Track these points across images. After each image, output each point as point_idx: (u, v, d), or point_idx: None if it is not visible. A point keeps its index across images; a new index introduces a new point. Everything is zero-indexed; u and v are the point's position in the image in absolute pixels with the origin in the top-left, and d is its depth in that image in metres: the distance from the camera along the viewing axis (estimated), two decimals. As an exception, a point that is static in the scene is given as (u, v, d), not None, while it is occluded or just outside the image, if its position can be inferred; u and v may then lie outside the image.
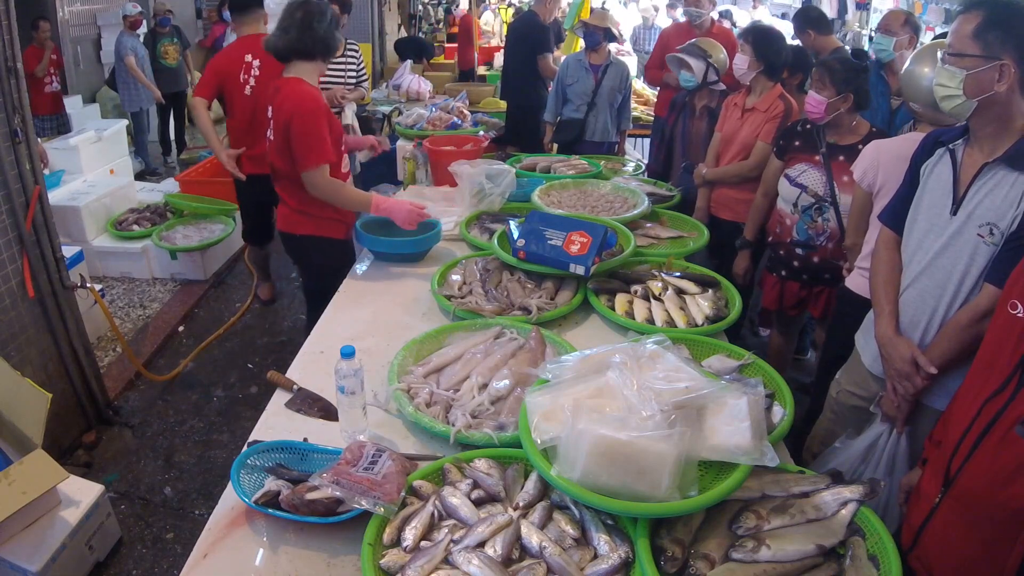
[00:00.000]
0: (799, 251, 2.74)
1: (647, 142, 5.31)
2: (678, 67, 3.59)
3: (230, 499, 1.42)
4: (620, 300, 2.16)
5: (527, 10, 5.08)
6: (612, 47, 4.48)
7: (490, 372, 1.75)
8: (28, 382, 2.53)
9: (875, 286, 1.90)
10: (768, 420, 1.57)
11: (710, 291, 2.22)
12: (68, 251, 3.13)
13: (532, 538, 1.25)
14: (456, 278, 2.31)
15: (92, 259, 4.31)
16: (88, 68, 7.44)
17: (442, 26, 11.80)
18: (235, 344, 3.95)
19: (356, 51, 4.25)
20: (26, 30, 5.16)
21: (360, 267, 2.59)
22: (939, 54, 1.65)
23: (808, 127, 2.68)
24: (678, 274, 2.28)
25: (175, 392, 3.48)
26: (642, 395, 1.31)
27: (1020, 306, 1.28)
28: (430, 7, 11.94)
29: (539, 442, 1.33)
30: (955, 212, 1.67)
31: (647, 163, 4.18)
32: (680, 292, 2.19)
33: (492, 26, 11.42)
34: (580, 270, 2.18)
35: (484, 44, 8.30)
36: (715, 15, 5.26)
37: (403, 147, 3.98)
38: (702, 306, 2.11)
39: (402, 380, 1.73)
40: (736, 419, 1.33)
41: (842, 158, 2.56)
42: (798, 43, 3.87)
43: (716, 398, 1.36)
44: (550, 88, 4.59)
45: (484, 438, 1.51)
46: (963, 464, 1.35)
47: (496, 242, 2.40)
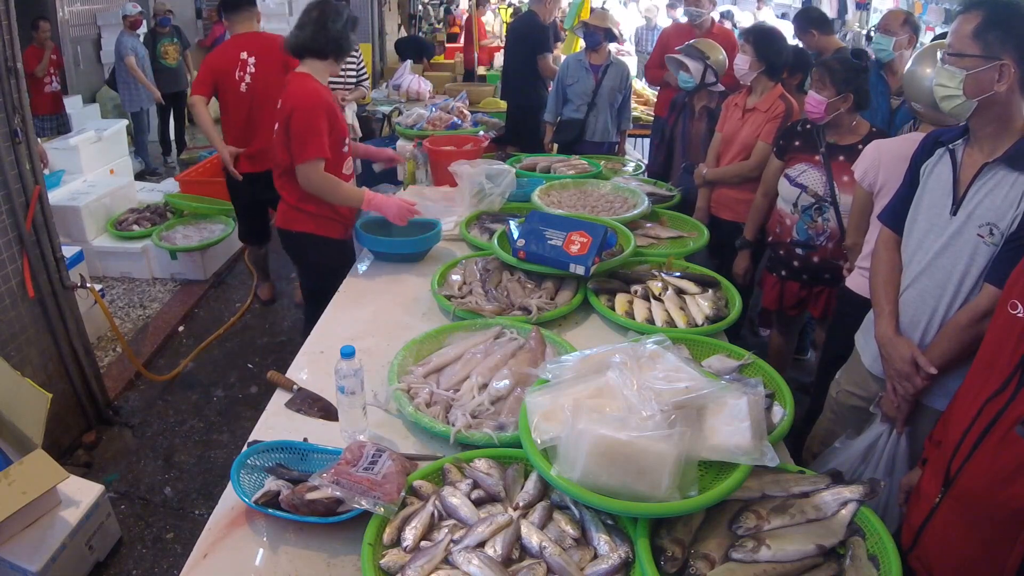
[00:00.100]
0: (799, 251, 2.74)
1: (647, 142, 5.30)
2: (676, 68, 3.59)
3: (230, 499, 1.42)
4: (620, 300, 2.16)
5: (527, 10, 5.07)
6: (612, 47, 4.48)
7: (490, 372, 1.75)
8: (28, 382, 2.53)
9: (875, 286, 1.90)
10: (768, 420, 1.57)
11: (710, 291, 2.22)
12: (68, 251, 3.13)
13: (532, 538, 1.25)
14: (456, 278, 2.31)
15: (92, 259, 4.31)
16: (88, 68, 7.44)
17: (442, 26, 11.79)
18: (235, 344, 3.95)
19: (356, 51, 4.25)
20: (26, 30, 5.16)
21: (360, 267, 2.59)
22: (939, 54, 1.65)
23: (808, 127, 2.68)
24: (678, 274, 2.28)
25: (175, 392, 3.48)
26: (642, 395, 1.31)
27: (1020, 306, 1.28)
28: (430, 7, 11.93)
29: (539, 442, 1.33)
30: (955, 212, 1.67)
31: (647, 163, 4.18)
32: (680, 292, 2.19)
33: (492, 26, 11.40)
34: (580, 270, 2.18)
35: (487, 44, 8.25)
36: (716, 16, 5.26)
37: (403, 147, 3.98)
38: (702, 306, 2.11)
39: (402, 380, 1.73)
40: (736, 419, 1.33)
41: (842, 158, 2.56)
42: (796, 43, 3.87)
43: (716, 398, 1.36)
44: (550, 88, 4.59)
45: (484, 438, 1.51)
46: (963, 464, 1.35)
47: (496, 242, 2.40)
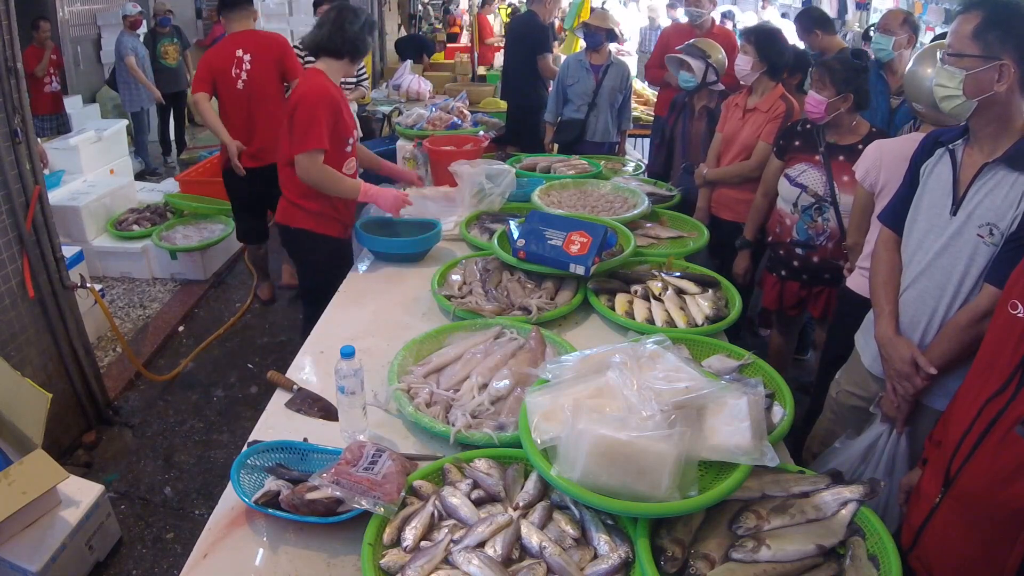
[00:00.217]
0: (799, 251, 2.74)
1: (647, 142, 5.30)
2: (677, 68, 3.59)
3: (230, 499, 1.42)
4: (620, 300, 2.16)
5: (526, 10, 5.07)
6: (612, 47, 4.48)
7: (490, 372, 1.75)
8: (28, 382, 2.53)
9: (875, 286, 1.90)
10: (768, 420, 1.57)
11: (710, 291, 2.22)
12: (68, 251, 3.13)
13: (532, 538, 1.25)
14: (456, 278, 2.31)
15: (92, 259, 4.31)
16: (88, 68, 7.44)
17: (442, 26, 11.78)
18: (235, 344, 3.95)
19: None
20: (26, 30, 5.16)
21: (360, 267, 2.59)
22: (939, 55, 1.65)
23: (808, 127, 2.68)
24: (678, 274, 2.28)
25: (175, 392, 3.48)
26: (642, 395, 1.31)
27: (1020, 306, 1.28)
28: (430, 7, 11.93)
29: (539, 442, 1.33)
30: (955, 212, 1.67)
31: (647, 163, 4.18)
32: (680, 292, 2.19)
33: (493, 26, 11.40)
34: (580, 270, 2.18)
35: (492, 43, 8.20)
36: (717, 15, 5.25)
37: (403, 147, 3.97)
38: (702, 306, 2.11)
39: (402, 380, 1.73)
40: (736, 419, 1.33)
41: (842, 158, 2.56)
42: (794, 43, 3.87)
43: (716, 398, 1.36)
44: (550, 88, 4.58)
45: (484, 438, 1.51)
46: (963, 464, 1.35)
47: (496, 242, 2.40)
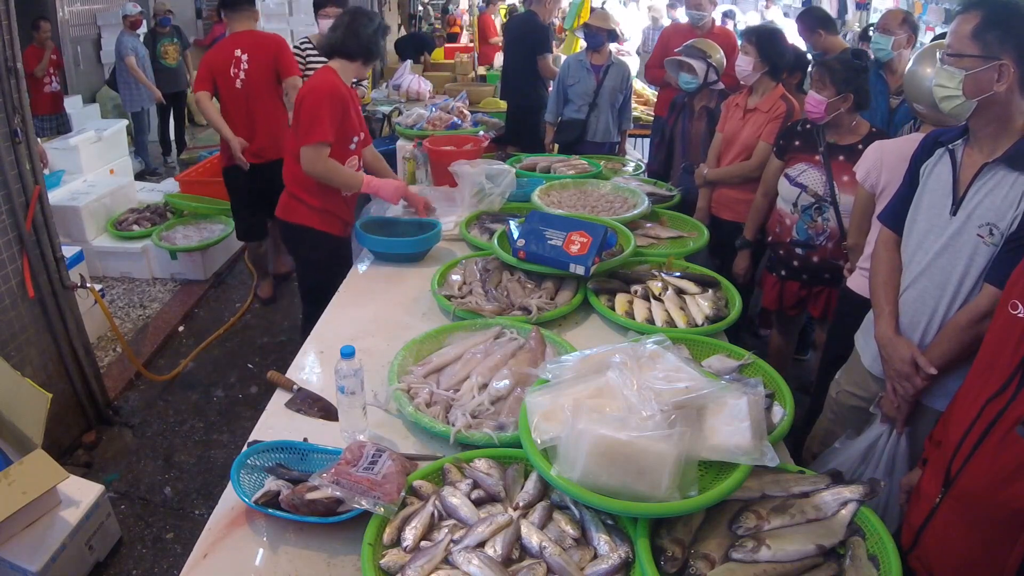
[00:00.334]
0: (799, 251, 2.74)
1: (647, 142, 5.29)
2: (676, 70, 3.58)
3: (230, 499, 1.42)
4: (620, 300, 2.16)
5: (526, 10, 5.07)
6: (612, 47, 4.48)
7: (490, 372, 1.75)
8: (28, 382, 2.53)
9: (875, 286, 1.90)
10: (768, 420, 1.57)
11: (710, 291, 2.22)
12: (68, 251, 3.13)
13: (532, 538, 1.25)
14: (456, 278, 2.31)
15: (92, 259, 4.31)
16: (88, 68, 7.44)
17: (441, 26, 11.78)
18: (235, 344, 3.95)
19: None
20: (26, 30, 5.16)
21: (360, 267, 2.59)
22: (938, 55, 1.65)
23: (808, 127, 2.68)
24: (678, 274, 2.28)
25: (175, 392, 3.48)
26: (642, 395, 1.31)
27: (1021, 306, 1.28)
28: (430, 7, 11.93)
29: (539, 442, 1.33)
30: (955, 212, 1.67)
31: (647, 163, 4.18)
32: (680, 292, 2.19)
33: (496, 26, 11.39)
34: (580, 270, 2.18)
35: (495, 42, 8.18)
36: (719, 15, 5.23)
37: (403, 147, 3.97)
38: (702, 306, 2.11)
39: (402, 380, 1.73)
40: (736, 419, 1.33)
41: (842, 158, 2.56)
42: (794, 42, 3.86)
43: (716, 398, 1.36)
44: (550, 88, 4.58)
45: (484, 438, 1.52)
46: (964, 464, 1.35)
47: (496, 242, 2.40)
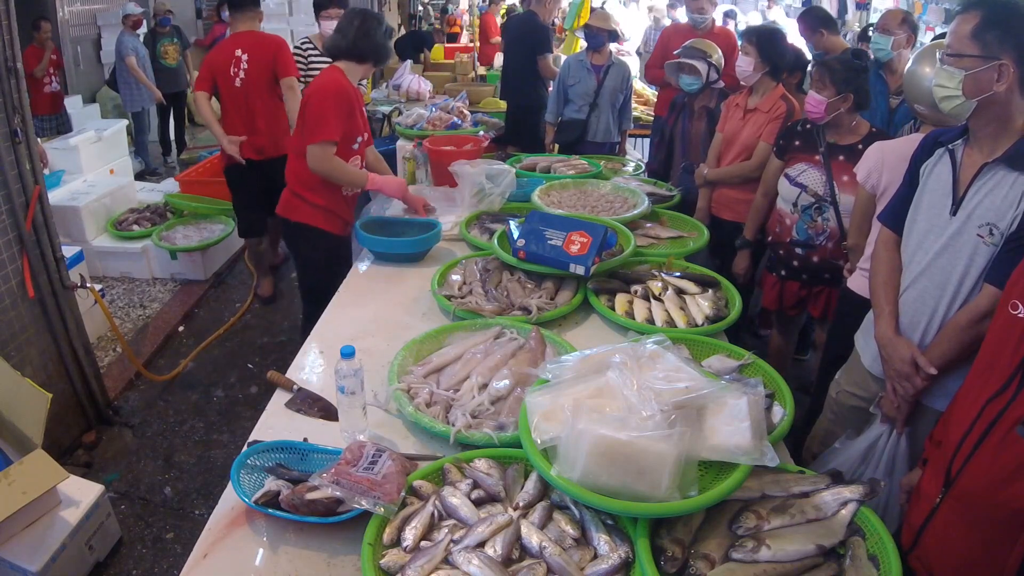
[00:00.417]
0: (799, 251, 2.74)
1: (647, 142, 5.29)
2: (676, 72, 3.57)
3: (230, 499, 1.42)
4: (620, 300, 2.16)
5: (526, 10, 5.06)
6: (612, 47, 4.48)
7: (490, 372, 1.75)
8: (28, 382, 2.53)
9: (875, 286, 1.90)
10: (768, 420, 1.57)
11: (710, 291, 2.22)
12: (68, 251, 3.13)
13: (532, 538, 1.25)
14: (456, 278, 2.31)
15: (92, 259, 4.31)
16: (88, 68, 7.44)
17: (441, 26, 11.78)
18: (235, 344, 3.95)
19: None
20: (26, 30, 5.16)
21: (360, 267, 2.59)
22: (938, 55, 1.65)
23: (808, 127, 2.68)
24: (678, 274, 2.28)
25: (175, 392, 3.48)
26: (642, 395, 1.31)
27: (1021, 306, 1.28)
28: (430, 7, 11.94)
29: (539, 442, 1.33)
30: (955, 212, 1.67)
31: (647, 163, 4.18)
32: (680, 292, 2.19)
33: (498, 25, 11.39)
34: (580, 270, 2.18)
35: (497, 42, 8.18)
36: (720, 15, 5.22)
37: (403, 147, 3.97)
38: (702, 306, 2.11)
39: (402, 380, 1.73)
40: (736, 419, 1.33)
41: (842, 158, 2.56)
42: (794, 42, 3.86)
43: (716, 398, 1.36)
44: (550, 88, 4.58)
45: (484, 438, 1.51)
46: (964, 464, 1.35)
47: (496, 242, 2.40)
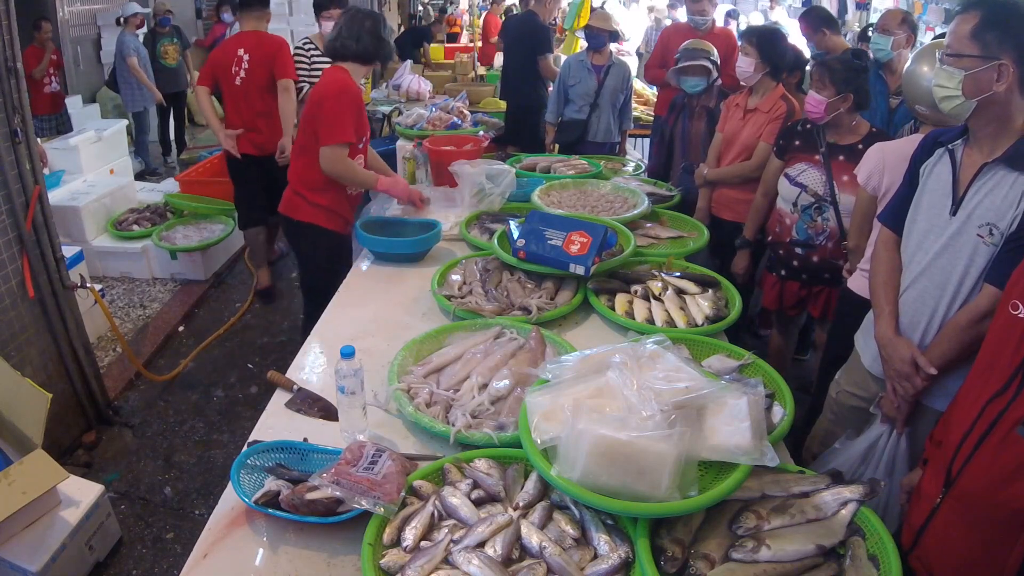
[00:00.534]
0: (798, 251, 2.74)
1: (647, 142, 5.30)
2: (678, 77, 3.55)
3: (230, 499, 1.42)
4: (620, 300, 2.16)
5: (526, 11, 5.06)
6: (612, 47, 4.48)
7: (490, 372, 1.75)
8: (28, 382, 2.53)
9: (875, 287, 1.90)
10: (768, 420, 1.57)
11: (710, 291, 2.22)
12: (68, 251, 3.13)
13: (532, 538, 1.25)
14: (456, 278, 2.31)
15: (92, 259, 4.31)
16: (88, 68, 7.44)
17: (442, 26, 11.79)
18: (235, 344, 3.95)
19: None
20: (27, 30, 5.16)
21: (361, 266, 2.59)
22: (937, 55, 1.65)
23: (808, 127, 2.68)
24: (678, 274, 2.28)
25: (175, 392, 3.48)
26: (642, 395, 1.31)
27: (1021, 306, 1.28)
28: (430, 7, 11.94)
29: (539, 442, 1.33)
30: (955, 212, 1.67)
31: (647, 163, 4.18)
32: (680, 292, 2.19)
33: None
34: (580, 270, 2.18)
35: (495, 42, 8.21)
36: (722, 15, 5.22)
37: (403, 147, 3.97)
38: (702, 306, 2.11)
39: (402, 380, 1.73)
40: (736, 419, 1.33)
41: (842, 158, 2.56)
42: (794, 42, 3.86)
43: (716, 398, 1.36)
44: (550, 88, 4.58)
45: (484, 438, 1.51)
46: (964, 465, 1.35)
47: (496, 242, 2.40)
